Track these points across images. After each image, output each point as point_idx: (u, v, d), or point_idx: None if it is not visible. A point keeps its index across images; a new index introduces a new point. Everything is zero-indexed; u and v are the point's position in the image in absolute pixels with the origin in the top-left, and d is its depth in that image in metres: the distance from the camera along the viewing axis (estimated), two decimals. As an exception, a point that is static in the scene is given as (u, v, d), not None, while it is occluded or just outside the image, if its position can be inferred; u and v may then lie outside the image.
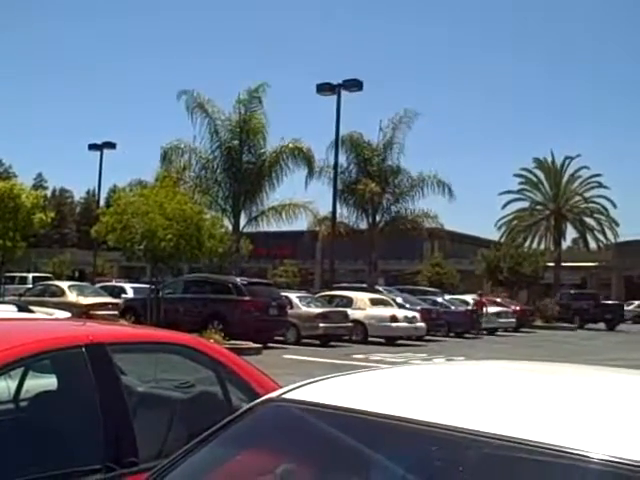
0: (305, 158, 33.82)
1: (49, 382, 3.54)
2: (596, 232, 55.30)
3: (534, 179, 56.85)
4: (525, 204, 57.19)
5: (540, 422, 1.67)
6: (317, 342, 22.32)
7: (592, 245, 56.60)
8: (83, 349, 3.16)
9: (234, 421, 2.10)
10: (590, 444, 1.52)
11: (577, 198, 55.45)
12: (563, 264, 52.79)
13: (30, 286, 31.54)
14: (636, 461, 1.45)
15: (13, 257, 28.03)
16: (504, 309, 34.00)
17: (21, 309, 6.51)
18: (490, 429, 1.63)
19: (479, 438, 1.62)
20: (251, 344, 18.10)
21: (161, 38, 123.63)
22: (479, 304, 31.61)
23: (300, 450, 2.08)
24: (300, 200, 34.38)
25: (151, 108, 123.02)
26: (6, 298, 21.55)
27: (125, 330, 4.69)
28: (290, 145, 33.41)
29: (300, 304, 23.27)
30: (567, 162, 55.28)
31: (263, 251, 50.77)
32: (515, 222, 56.30)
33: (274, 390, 2.24)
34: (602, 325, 39.63)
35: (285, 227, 35.84)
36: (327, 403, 1.93)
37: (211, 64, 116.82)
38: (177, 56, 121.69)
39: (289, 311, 22.04)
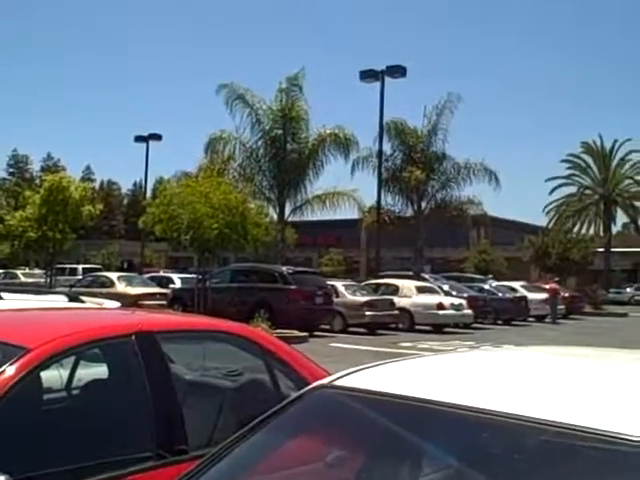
0: (346, 145, 33.70)
1: (100, 371, 3.58)
2: (647, 216, 54.25)
3: (582, 164, 55.99)
4: (573, 189, 56.41)
5: (596, 409, 1.63)
6: (363, 330, 22.29)
7: (644, 230, 55.50)
8: (133, 337, 3.19)
9: (284, 408, 2.10)
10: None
11: (627, 182, 54.40)
12: (613, 249, 51.89)
13: (80, 277, 32.06)
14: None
15: (63, 248, 28.54)
16: (552, 295, 33.50)
17: (72, 299, 6.62)
18: (543, 416, 1.60)
19: (532, 425, 1.60)
20: (297, 333, 18.16)
21: (205, 28, 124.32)
22: (553, 291, 31.28)
23: (350, 437, 2.07)
24: (344, 188, 34.34)
25: (196, 99, 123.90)
26: (57, 289, 21.95)
27: (174, 319, 4.72)
28: (329, 132, 33.34)
29: (346, 292, 23.25)
30: (616, 146, 54.28)
31: (309, 240, 50.82)
32: (563, 207, 55.50)
33: (323, 378, 2.22)
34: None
35: (330, 216, 35.86)
36: (377, 390, 1.91)
37: (253, 55, 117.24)
38: (220, 47, 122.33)
39: (335, 299, 22.04)
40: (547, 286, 32.53)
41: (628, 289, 52.28)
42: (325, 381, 2.10)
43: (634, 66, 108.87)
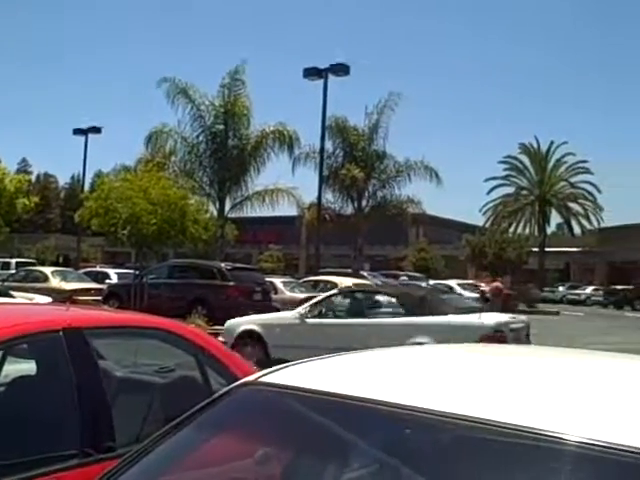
0: (288, 142, 33.72)
1: (28, 367, 3.51)
2: (580, 217, 55.59)
3: (519, 165, 57.07)
4: (510, 190, 57.48)
5: (514, 404, 1.66)
6: (302, 327, 22.28)
7: (576, 230, 56.91)
8: (60, 333, 3.14)
9: (210, 405, 2.08)
10: (565, 426, 1.51)
11: (562, 184, 55.69)
12: (547, 249, 53.05)
13: (13, 272, 31.27)
14: (612, 443, 1.44)
15: (-5, 242, 27.89)
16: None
17: (1, 294, 6.47)
18: (465, 411, 1.62)
19: (454, 421, 1.61)
20: (235, 329, 18.05)
21: (148, 22, 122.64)
22: (497, 290, 28.98)
23: (277, 434, 2.06)
24: (284, 185, 34.36)
25: (137, 93, 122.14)
26: (-12, 283, 21.39)
27: (104, 315, 4.66)
28: (272, 128, 33.30)
29: (284, 289, 23.26)
30: (552, 148, 55.45)
31: (249, 236, 50.64)
32: (500, 208, 56.49)
33: (253, 374, 2.22)
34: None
35: (271, 213, 35.84)
36: (304, 386, 1.91)
37: (197, 51, 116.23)
38: (162, 42, 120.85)
39: (273, 296, 22.00)
40: (489, 285, 32.52)
41: (560, 288, 53.56)
42: (251, 378, 2.09)
43: (575, 69, 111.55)
